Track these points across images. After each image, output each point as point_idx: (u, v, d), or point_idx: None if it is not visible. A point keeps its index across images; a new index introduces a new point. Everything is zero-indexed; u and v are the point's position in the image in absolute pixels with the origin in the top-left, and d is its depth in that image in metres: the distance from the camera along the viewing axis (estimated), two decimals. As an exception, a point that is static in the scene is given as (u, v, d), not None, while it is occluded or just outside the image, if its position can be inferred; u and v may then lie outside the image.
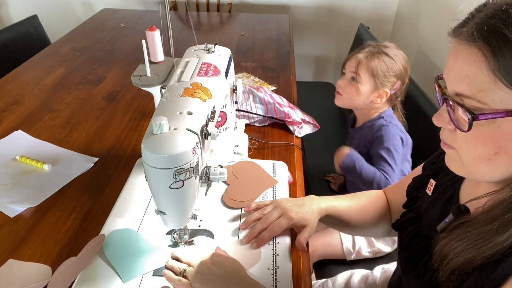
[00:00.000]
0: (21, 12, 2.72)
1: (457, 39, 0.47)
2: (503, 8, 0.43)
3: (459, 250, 0.49)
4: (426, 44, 2.17)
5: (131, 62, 1.63)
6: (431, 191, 0.68)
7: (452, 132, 0.51)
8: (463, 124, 0.47)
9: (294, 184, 0.97)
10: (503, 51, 0.42)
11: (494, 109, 0.44)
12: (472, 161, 0.49)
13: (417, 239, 0.65)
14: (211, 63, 0.83)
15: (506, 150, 0.46)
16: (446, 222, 0.56)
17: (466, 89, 0.46)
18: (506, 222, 0.46)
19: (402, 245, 0.70)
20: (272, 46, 1.81)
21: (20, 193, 0.91)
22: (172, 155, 0.58)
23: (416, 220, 0.68)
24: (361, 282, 1.00)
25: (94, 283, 0.69)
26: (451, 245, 0.51)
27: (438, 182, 0.68)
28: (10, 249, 0.78)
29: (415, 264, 0.63)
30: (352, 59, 1.21)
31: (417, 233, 0.66)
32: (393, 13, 2.72)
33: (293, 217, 0.76)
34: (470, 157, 0.49)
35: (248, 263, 0.72)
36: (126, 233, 0.79)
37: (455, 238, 0.51)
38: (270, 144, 1.11)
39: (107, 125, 1.19)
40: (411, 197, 0.74)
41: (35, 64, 1.60)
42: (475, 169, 0.50)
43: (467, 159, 0.50)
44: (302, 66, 2.92)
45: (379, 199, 0.87)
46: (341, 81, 1.25)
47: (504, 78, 0.43)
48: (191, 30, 2.03)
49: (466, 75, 0.46)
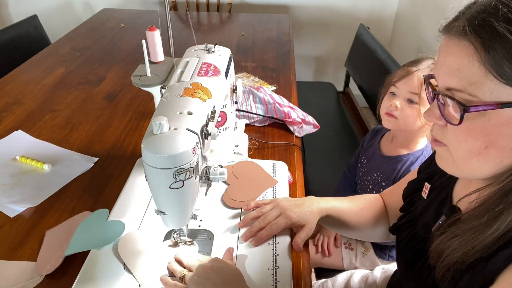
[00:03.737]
0: (21, 12, 2.73)
1: (448, 35, 0.49)
2: (492, 4, 0.45)
3: (454, 246, 0.50)
4: (426, 44, 2.17)
5: (131, 62, 1.63)
6: (426, 194, 0.69)
7: (442, 128, 0.52)
8: (454, 118, 0.48)
9: (294, 184, 0.97)
10: (493, 44, 0.43)
11: (485, 101, 0.45)
12: (462, 156, 0.50)
13: (413, 242, 0.66)
14: (211, 63, 0.83)
15: (496, 144, 0.46)
16: (440, 223, 0.57)
17: (457, 82, 0.47)
18: (495, 215, 0.47)
19: (399, 248, 0.70)
20: (272, 46, 1.81)
21: (20, 193, 0.91)
22: (172, 155, 0.58)
23: (412, 223, 0.69)
24: (361, 282, 1.00)
25: (94, 283, 0.69)
26: (445, 243, 0.52)
27: (432, 185, 0.68)
28: (10, 249, 0.78)
29: (412, 266, 0.64)
30: (411, 77, 1.00)
31: (413, 236, 0.67)
32: (393, 13, 2.72)
33: (292, 217, 0.76)
34: (461, 152, 0.50)
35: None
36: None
37: (449, 235, 0.52)
38: (270, 144, 1.11)
39: (107, 125, 1.19)
40: (407, 201, 0.75)
41: (35, 64, 1.60)
42: (466, 165, 0.50)
43: (458, 155, 0.50)
44: (302, 66, 2.92)
45: (376, 202, 0.87)
46: (395, 101, 1.03)
47: (494, 71, 0.43)
48: (191, 30, 2.03)
49: (457, 68, 0.47)
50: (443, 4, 1.99)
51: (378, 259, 1.15)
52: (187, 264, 0.70)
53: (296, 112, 1.19)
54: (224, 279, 0.64)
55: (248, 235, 0.77)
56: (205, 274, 0.64)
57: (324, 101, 2.11)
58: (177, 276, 0.68)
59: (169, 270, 0.71)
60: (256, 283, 0.70)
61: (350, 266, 1.17)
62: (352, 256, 1.17)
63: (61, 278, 0.72)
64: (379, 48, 1.75)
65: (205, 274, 0.64)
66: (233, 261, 0.73)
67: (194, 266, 0.68)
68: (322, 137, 1.60)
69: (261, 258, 0.74)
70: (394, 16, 2.73)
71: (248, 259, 0.74)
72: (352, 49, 2.16)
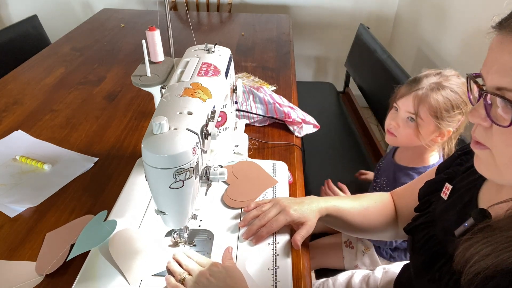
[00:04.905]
0: (21, 12, 2.73)
1: (504, 32, 0.46)
2: None
3: (485, 253, 0.47)
4: (426, 44, 2.17)
5: (131, 62, 1.63)
6: (446, 195, 0.66)
7: (486, 130, 0.49)
8: (503, 120, 0.45)
9: (294, 184, 0.97)
10: None
11: None
12: (508, 161, 0.47)
13: (432, 243, 0.64)
14: (211, 63, 0.83)
15: None
16: (466, 226, 0.54)
17: (510, 82, 0.44)
18: None
19: (415, 249, 0.68)
20: (272, 46, 1.81)
21: (20, 193, 0.91)
22: (172, 155, 0.58)
23: (431, 224, 0.67)
24: (362, 282, 1.00)
25: (94, 283, 0.69)
26: (476, 248, 0.49)
27: (454, 187, 0.66)
28: (10, 249, 0.78)
29: (429, 268, 0.62)
30: (410, 96, 1.01)
31: (431, 237, 0.65)
32: (393, 13, 2.72)
33: (292, 214, 0.76)
34: (506, 156, 0.46)
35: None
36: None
37: (480, 241, 0.49)
38: (270, 144, 1.11)
39: (107, 125, 1.19)
40: (423, 201, 0.72)
41: (35, 64, 1.60)
42: (509, 171, 0.47)
43: (502, 159, 0.47)
44: (302, 66, 2.92)
45: (385, 202, 0.85)
46: (394, 120, 1.06)
47: None
48: (191, 30, 2.03)
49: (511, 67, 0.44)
50: (443, 5, 1.99)
51: (379, 258, 1.15)
52: (186, 267, 0.70)
53: (296, 112, 1.19)
54: (225, 283, 0.64)
55: (249, 234, 0.77)
56: (205, 281, 0.65)
57: (324, 101, 2.11)
58: (176, 278, 0.68)
59: (169, 269, 0.71)
60: (256, 283, 0.70)
61: (351, 265, 1.17)
62: (352, 254, 1.17)
63: (61, 278, 0.72)
64: (379, 48, 1.75)
65: (206, 281, 0.65)
66: (233, 261, 0.73)
67: (193, 270, 0.68)
68: (322, 137, 1.59)
69: (261, 258, 0.74)
70: (394, 16, 2.73)
71: (248, 259, 0.74)
72: (352, 49, 2.16)
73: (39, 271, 0.72)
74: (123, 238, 0.76)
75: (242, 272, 0.70)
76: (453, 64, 1.80)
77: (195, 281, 0.66)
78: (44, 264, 0.73)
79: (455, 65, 1.74)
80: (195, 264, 0.70)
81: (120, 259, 0.72)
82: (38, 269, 0.73)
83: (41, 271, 0.72)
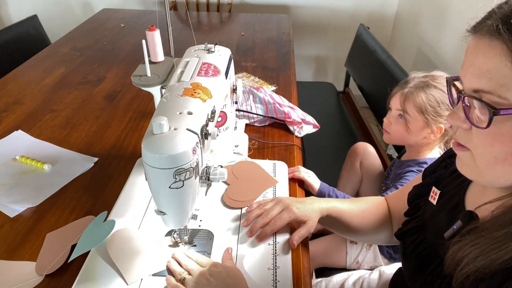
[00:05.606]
0: (21, 12, 2.73)
1: (478, 35, 0.46)
2: None
3: (474, 255, 0.48)
4: (426, 44, 2.17)
5: (131, 62, 1.63)
6: (435, 200, 0.67)
7: (466, 132, 0.50)
8: (481, 121, 0.46)
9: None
10: None
11: None
12: (487, 162, 0.47)
13: (422, 247, 0.64)
14: (211, 63, 0.83)
15: None
16: (454, 229, 0.55)
17: (486, 84, 0.45)
18: None
19: (406, 253, 0.69)
20: (272, 46, 1.81)
21: (20, 193, 0.91)
22: (172, 155, 0.58)
23: (421, 229, 0.67)
24: (356, 284, 1.00)
25: (94, 283, 0.69)
26: (464, 250, 0.49)
27: (442, 191, 0.66)
28: (10, 249, 0.78)
29: (421, 272, 0.62)
30: (397, 95, 1.09)
31: (422, 241, 0.65)
32: (393, 13, 2.72)
33: (295, 212, 0.76)
34: (486, 157, 0.47)
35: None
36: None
37: (468, 243, 0.49)
38: (270, 144, 1.11)
39: (107, 125, 1.19)
40: (412, 205, 0.73)
41: (35, 64, 1.60)
42: (489, 171, 0.48)
43: (482, 160, 0.48)
44: (302, 66, 2.92)
45: (380, 205, 0.86)
46: (388, 118, 1.15)
47: None
48: (191, 30, 2.03)
49: (487, 70, 0.45)
50: (443, 5, 1.99)
51: (380, 255, 1.15)
52: (185, 267, 0.70)
53: (296, 112, 1.19)
54: (225, 283, 0.64)
55: (252, 232, 0.77)
56: (205, 281, 0.65)
57: (324, 101, 2.11)
58: (176, 278, 0.68)
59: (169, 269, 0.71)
60: (256, 283, 0.70)
61: (353, 262, 1.17)
62: (356, 250, 1.17)
63: (61, 278, 0.72)
64: (379, 48, 1.75)
65: (206, 281, 0.65)
66: (232, 261, 0.73)
67: (193, 270, 0.68)
68: (322, 137, 1.59)
69: (261, 258, 0.74)
70: (394, 16, 2.73)
71: (248, 259, 0.74)
72: (352, 49, 2.16)
73: (39, 271, 0.72)
74: (122, 238, 0.76)
75: (242, 272, 0.70)
76: (452, 64, 1.80)
77: (195, 281, 0.66)
78: (44, 264, 0.73)
79: (454, 65, 1.75)
80: (195, 264, 0.70)
81: (118, 258, 0.72)
82: (38, 269, 0.73)
83: (41, 271, 0.72)
